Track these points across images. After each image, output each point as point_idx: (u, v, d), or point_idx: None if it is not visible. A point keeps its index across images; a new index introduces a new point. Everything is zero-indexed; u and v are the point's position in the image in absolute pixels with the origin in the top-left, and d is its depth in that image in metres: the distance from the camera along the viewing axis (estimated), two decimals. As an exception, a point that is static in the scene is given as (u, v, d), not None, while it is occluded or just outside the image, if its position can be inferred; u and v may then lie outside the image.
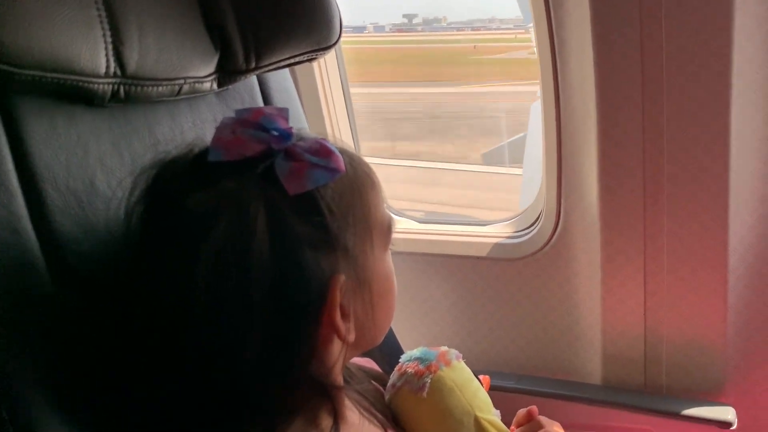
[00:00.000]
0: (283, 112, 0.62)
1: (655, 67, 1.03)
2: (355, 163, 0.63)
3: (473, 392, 0.76)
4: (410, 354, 0.81)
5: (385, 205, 0.65)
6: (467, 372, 0.79)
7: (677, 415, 1.15)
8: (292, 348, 0.57)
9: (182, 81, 0.81)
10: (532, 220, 1.32)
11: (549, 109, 1.18)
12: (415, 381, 0.76)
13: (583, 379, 1.29)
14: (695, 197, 1.08)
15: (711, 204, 1.08)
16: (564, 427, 1.25)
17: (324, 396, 0.63)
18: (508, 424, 0.79)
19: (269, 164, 0.57)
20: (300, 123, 1.07)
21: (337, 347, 0.62)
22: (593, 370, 1.27)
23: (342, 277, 0.58)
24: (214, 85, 0.87)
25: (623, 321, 1.21)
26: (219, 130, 0.60)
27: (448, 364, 0.77)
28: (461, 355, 0.80)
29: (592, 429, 1.24)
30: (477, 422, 0.74)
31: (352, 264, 0.60)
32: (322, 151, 0.59)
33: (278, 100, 1.02)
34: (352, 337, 0.60)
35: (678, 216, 1.11)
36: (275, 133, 0.59)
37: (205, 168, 0.57)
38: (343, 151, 0.62)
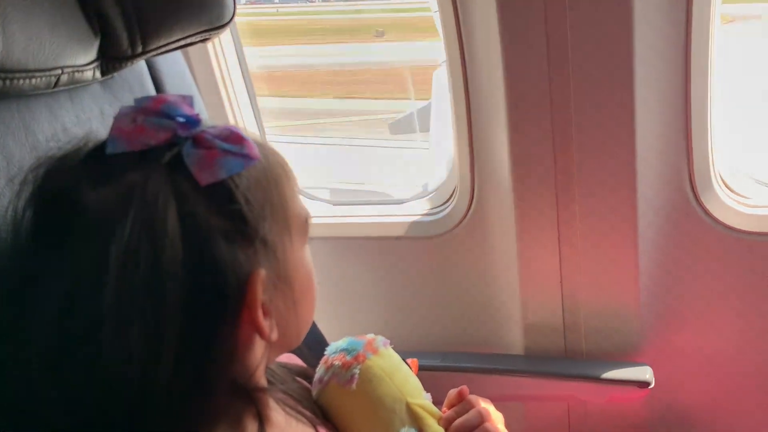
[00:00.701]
0: (188, 99, 0.57)
1: (560, 36, 1.03)
2: (267, 153, 0.59)
3: (403, 378, 0.74)
4: (336, 345, 0.77)
5: (300, 200, 0.62)
6: (396, 358, 0.77)
7: (598, 379, 1.17)
8: (211, 351, 0.53)
9: (59, 71, 0.73)
10: (447, 197, 1.31)
11: (457, 90, 1.16)
12: (343, 373, 0.73)
13: (507, 350, 1.30)
14: (604, 165, 1.10)
15: (619, 170, 1.10)
16: (492, 400, 1.26)
17: (247, 400, 0.60)
18: (438, 403, 0.77)
19: (176, 153, 0.53)
20: (198, 110, 1.00)
21: (259, 347, 0.59)
22: (515, 340, 1.28)
23: (262, 272, 0.54)
24: (97, 74, 0.80)
25: (541, 290, 1.22)
26: (117, 119, 0.55)
27: (375, 352, 0.75)
28: (388, 341, 0.78)
29: (519, 399, 1.26)
30: (409, 408, 0.72)
31: (272, 258, 0.56)
32: (233, 137, 0.55)
33: (172, 87, 0.94)
34: (275, 336, 0.57)
35: (588, 184, 1.12)
36: (181, 119, 0.55)
37: (104, 162, 0.53)
38: (253, 140, 0.58)
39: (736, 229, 1.13)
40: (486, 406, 0.76)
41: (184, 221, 0.51)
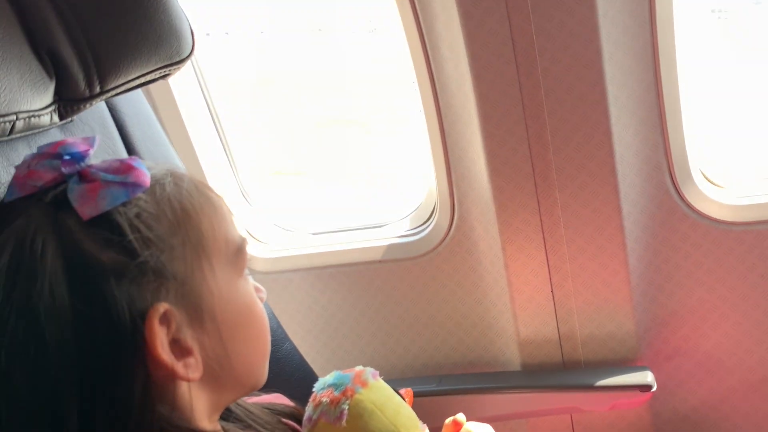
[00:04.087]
0: (89, 140, 0.56)
1: (527, 42, 1.03)
2: (182, 182, 0.57)
3: (395, 410, 0.71)
4: (323, 381, 0.74)
5: (231, 228, 0.60)
6: (386, 390, 0.73)
7: (598, 387, 1.15)
8: (118, 397, 0.51)
9: (13, 117, 0.70)
10: (428, 215, 1.29)
11: (428, 104, 1.15)
12: (331, 410, 0.70)
13: (504, 367, 1.27)
14: (583, 167, 1.09)
15: (599, 171, 1.08)
16: (492, 419, 1.22)
17: None
18: (437, 429, 0.74)
19: (61, 191, 0.53)
20: (163, 148, 0.97)
21: (185, 388, 0.55)
22: (512, 356, 1.25)
23: (162, 307, 0.52)
24: (55, 118, 0.77)
25: (532, 301, 1.20)
26: (18, 168, 0.55)
27: (364, 385, 0.71)
28: (377, 372, 0.74)
29: (521, 416, 1.23)
30: None
31: (184, 292, 0.54)
32: (122, 168, 0.54)
33: (134, 126, 0.92)
34: (196, 375, 0.54)
35: (569, 188, 1.11)
36: (67, 157, 0.54)
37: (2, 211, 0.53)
38: (168, 172, 0.57)
39: (721, 221, 1.13)
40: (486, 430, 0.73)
41: (67, 259, 0.49)
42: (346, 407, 0.69)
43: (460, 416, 0.75)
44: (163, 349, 0.51)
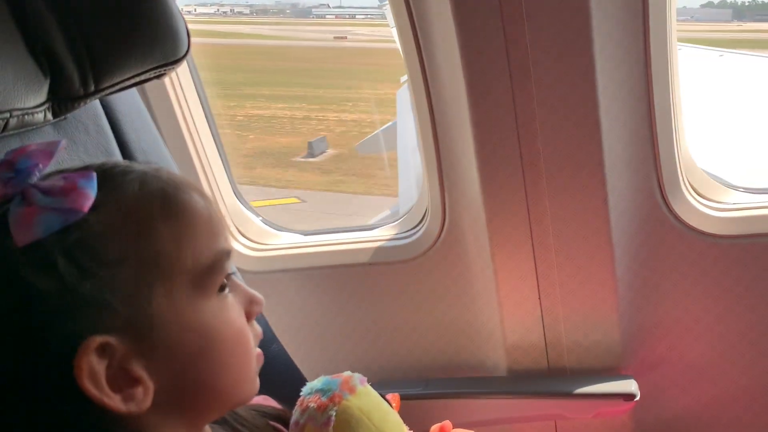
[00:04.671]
0: (52, 146, 0.54)
1: (521, 52, 1.03)
2: (152, 191, 0.54)
3: (382, 417, 0.71)
4: (311, 386, 0.74)
5: (206, 242, 0.55)
6: (374, 396, 0.74)
7: (583, 395, 1.16)
8: (64, 422, 0.50)
9: (7, 114, 0.71)
10: (419, 219, 1.30)
11: (421, 106, 1.15)
12: (318, 416, 0.70)
13: (490, 372, 1.28)
14: (573, 177, 1.10)
15: (589, 181, 1.09)
16: (476, 424, 1.22)
17: None
18: (424, 431, 0.75)
19: (4, 211, 0.50)
20: (157, 147, 0.97)
21: (148, 415, 0.53)
22: (498, 361, 1.26)
23: (97, 340, 0.49)
24: (49, 116, 0.77)
25: (520, 308, 1.21)
26: None
27: (352, 391, 0.72)
28: (365, 378, 0.75)
29: (505, 422, 1.24)
30: None
31: (130, 321, 0.51)
32: (64, 189, 0.50)
33: (128, 125, 0.92)
34: (141, 407, 0.51)
35: (559, 196, 1.12)
36: (11, 175, 0.51)
37: None
38: (139, 177, 0.54)
39: (708, 234, 1.14)
40: None
41: (7, 282, 0.48)
42: (334, 414, 0.70)
43: (447, 423, 0.76)
44: (92, 383, 0.49)
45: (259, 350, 0.61)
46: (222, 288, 0.56)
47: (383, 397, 0.77)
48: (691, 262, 1.15)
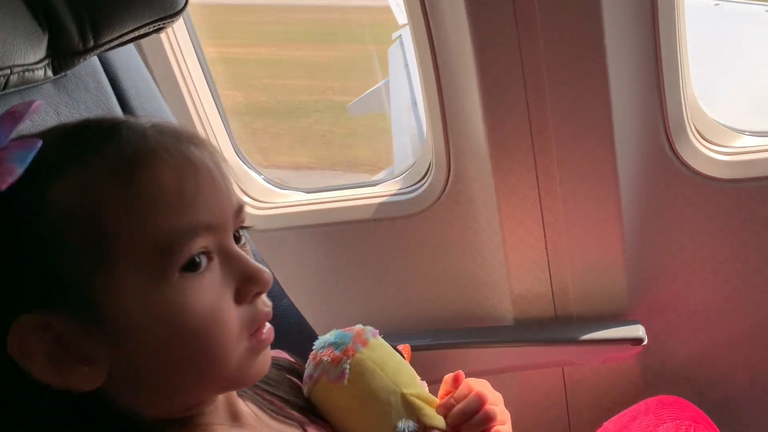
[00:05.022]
0: (21, 107, 0.54)
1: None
2: (104, 165, 0.51)
3: (396, 368, 0.72)
4: (324, 340, 0.75)
5: (166, 218, 0.51)
6: (386, 348, 0.74)
7: (590, 341, 1.17)
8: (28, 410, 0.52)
9: (7, 71, 0.69)
10: (423, 172, 1.29)
11: (424, 56, 1.13)
12: (332, 369, 0.71)
13: (497, 322, 1.29)
14: (580, 123, 1.09)
15: (595, 127, 1.08)
16: (484, 372, 1.24)
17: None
18: (432, 382, 0.75)
19: None
20: (156, 103, 0.96)
21: (128, 395, 0.54)
22: (505, 311, 1.27)
23: (35, 318, 0.49)
24: (49, 72, 0.76)
25: (527, 257, 1.21)
26: None
27: (365, 344, 0.72)
28: (377, 331, 0.75)
29: (513, 370, 1.25)
30: (405, 399, 0.70)
31: (74, 298, 0.50)
32: None
33: (127, 81, 0.91)
34: (90, 385, 0.51)
35: (566, 144, 1.11)
36: None
37: None
38: (105, 142, 0.51)
39: (714, 178, 1.13)
40: (482, 387, 0.74)
41: None
42: (348, 367, 0.70)
43: (460, 373, 0.76)
44: (30, 360, 0.49)
45: (268, 326, 0.58)
46: (194, 266, 0.52)
47: (395, 348, 0.77)
48: (697, 207, 1.15)
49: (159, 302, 0.51)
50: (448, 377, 0.75)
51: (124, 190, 0.50)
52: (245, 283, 0.55)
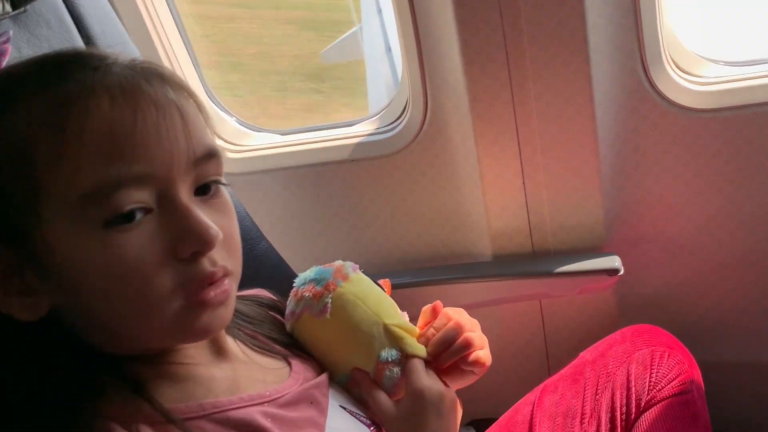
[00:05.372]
0: None
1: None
2: (41, 104, 0.50)
3: (377, 300, 0.73)
4: (304, 276, 0.75)
5: (93, 164, 0.49)
6: (367, 282, 0.75)
7: (567, 273, 1.19)
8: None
9: (-38, 6, 0.66)
10: (400, 111, 1.27)
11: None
12: (315, 304, 0.71)
13: (475, 258, 1.30)
14: (557, 55, 1.07)
15: (572, 58, 1.07)
16: (464, 307, 1.26)
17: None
18: (414, 318, 0.77)
19: None
20: (123, 44, 0.93)
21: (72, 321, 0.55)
22: (484, 249, 1.28)
23: None
24: (8, 7, 0.73)
25: (505, 193, 1.22)
26: None
27: (345, 278, 0.73)
28: (357, 265, 0.76)
29: (492, 304, 1.27)
30: (387, 330, 0.71)
31: (14, 235, 0.51)
32: None
33: (92, 19, 0.87)
34: (32, 316, 0.53)
35: (543, 78, 1.10)
36: None
37: None
38: (54, 81, 0.50)
39: (689, 108, 1.13)
40: (460, 316, 0.75)
41: None
42: (329, 301, 0.71)
43: (438, 303, 0.77)
44: None
45: (221, 287, 0.56)
46: (124, 219, 0.51)
47: (375, 282, 0.78)
48: (673, 137, 1.16)
49: (87, 249, 0.51)
50: (426, 308, 0.77)
51: (54, 131, 0.49)
52: (183, 241, 0.53)
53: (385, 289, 0.80)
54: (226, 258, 0.57)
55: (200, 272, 0.54)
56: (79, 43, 0.86)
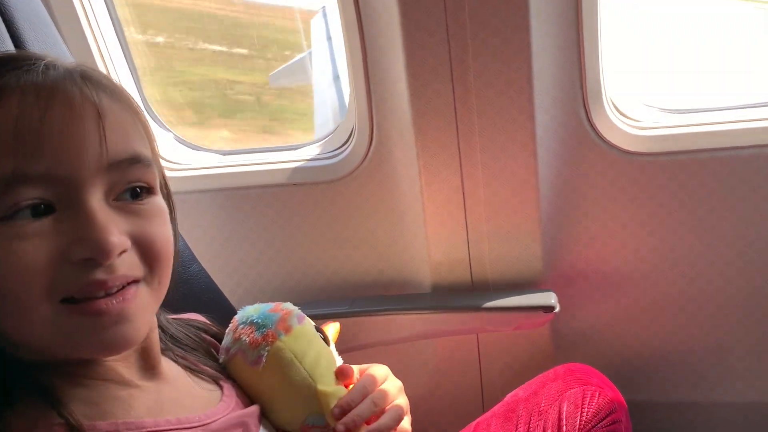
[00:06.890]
0: None
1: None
2: None
3: (314, 360, 0.69)
4: (247, 314, 0.71)
5: None
6: (309, 335, 0.71)
7: (504, 309, 1.19)
8: None
9: None
10: (345, 138, 1.26)
11: (350, 19, 1.10)
12: (250, 352, 0.68)
13: (416, 290, 1.29)
14: (502, 93, 1.09)
15: (517, 96, 1.09)
16: (401, 339, 1.25)
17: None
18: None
19: None
20: (58, 50, 0.88)
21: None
22: (423, 279, 1.28)
23: None
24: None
25: (446, 225, 1.22)
26: None
27: (287, 331, 0.69)
28: (304, 316, 0.72)
29: (429, 336, 1.26)
30: (318, 394, 0.68)
31: None
32: None
33: (23, 22, 0.83)
34: None
35: (487, 113, 1.11)
36: None
37: None
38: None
39: (627, 151, 1.16)
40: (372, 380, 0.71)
41: None
42: (265, 354, 0.68)
43: (346, 367, 0.72)
44: None
45: (104, 304, 0.52)
46: (25, 215, 0.50)
47: (320, 330, 0.74)
48: (610, 179, 1.18)
49: None
50: (340, 369, 0.71)
51: None
52: (73, 245, 0.51)
53: (329, 338, 0.77)
54: (137, 266, 0.55)
55: (90, 279, 0.52)
56: (10, 46, 0.82)
